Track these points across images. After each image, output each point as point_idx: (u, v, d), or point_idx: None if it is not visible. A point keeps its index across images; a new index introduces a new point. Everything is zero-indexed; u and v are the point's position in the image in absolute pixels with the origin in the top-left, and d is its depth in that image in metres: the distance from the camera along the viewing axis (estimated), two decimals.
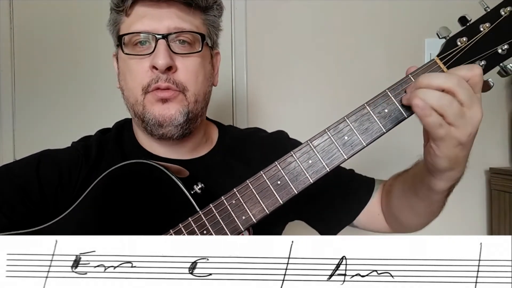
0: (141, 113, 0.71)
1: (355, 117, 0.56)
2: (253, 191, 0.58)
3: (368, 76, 1.47)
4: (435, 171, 0.59)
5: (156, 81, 0.68)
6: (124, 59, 0.72)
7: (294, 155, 0.57)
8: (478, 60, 0.55)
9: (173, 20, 0.69)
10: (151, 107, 0.69)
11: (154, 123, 0.70)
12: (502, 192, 1.42)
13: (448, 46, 0.56)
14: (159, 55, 0.66)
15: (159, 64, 0.66)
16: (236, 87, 1.47)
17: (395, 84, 0.56)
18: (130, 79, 0.71)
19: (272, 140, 0.86)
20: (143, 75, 0.69)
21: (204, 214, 0.60)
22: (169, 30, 0.68)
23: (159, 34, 0.67)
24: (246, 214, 0.58)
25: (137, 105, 0.71)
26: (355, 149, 0.56)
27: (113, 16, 0.73)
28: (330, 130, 0.56)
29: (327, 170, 0.56)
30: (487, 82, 0.55)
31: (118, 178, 0.65)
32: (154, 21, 0.68)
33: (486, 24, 0.55)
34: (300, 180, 0.57)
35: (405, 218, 0.74)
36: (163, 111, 0.69)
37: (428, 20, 1.47)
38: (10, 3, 1.50)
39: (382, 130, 0.55)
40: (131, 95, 0.71)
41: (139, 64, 0.69)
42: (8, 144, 1.51)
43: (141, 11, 0.69)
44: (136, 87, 0.70)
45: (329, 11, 1.49)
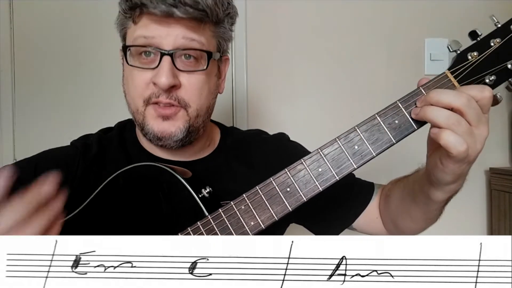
0: (141, 122, 0.70)
1: (366, 127, 0.56)
2: (263, 197, 0.58)
3: (368, 76, 1.47)
4: (437, 183, 0.59)
5: (157, 96, 0.67)
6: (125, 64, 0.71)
7: (304, 163, 0.57)
8: (488, 75, 0.56)
9: (180, 38, 0.66)
10: (150, 121, 0.69)
11: (153, 136, 0.69)
12: (502, 192, 1.42)
13: (459, 60, 0.57)
14: (162, 73, 0.65)
15: (162, 83, 0.65)
16: (236, 87, 1.47)
17: (406, 96, 0.57)
18: (132, 88, 0.70)
19: (273, 142, 0.86)
20: (144, 87, 0.68)
21: (213, 218, 0.60)
22: (174, 47, 0.66)
23: (164, 50, 0.65)
24: (255, 220, 0.58)
25: (138, 114, 0.70)
26: (364, 158, 0.56)
27: (121, 17, 0.71)
28: (340, 139, 0.57)
29: (336, 178, 0.57)
30: (495, 96, 0.55)
31: (126, 181, 0.65)
32: (161, 35, 0.66)
33: (497, 40, 0.55)
34: (309, 188, 0.57)
35: (402, 223, 0.74)
36: (163, 128, 0.69)
37: (428, 20, 1.47)
38: (10, 3, 1.50)
39: (392, 141, 0.56)
40: (132, 103, 0.71)
41: (141, 75, 0.68)
42: (8, 144, 1.51)
43: (147, 23, 0.66)
44: (137, 97, 0.69)
45: (329, 11, 1.49)
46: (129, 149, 0.79)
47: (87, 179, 0.72)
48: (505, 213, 1.41)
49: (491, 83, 0.56)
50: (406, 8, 1.48)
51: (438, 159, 0.56)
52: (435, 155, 0.57)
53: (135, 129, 0.81)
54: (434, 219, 0.71)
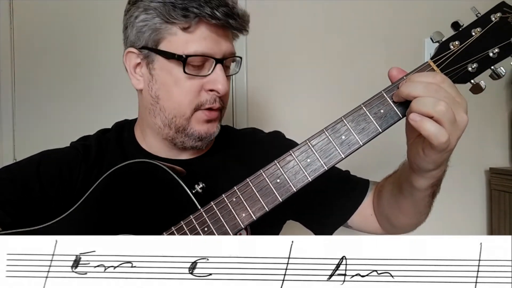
0: (182, 126, 0.73)
1: (352, 117, 0.58)
2: (253, 189, 0.59)
3: (368, 76, 1.47)
4: (419, 170, 0.60)
5: (212, 102, 0.72)
6: (169, 70, 0.70)
7: (293, 154, 0.58)
8: (470, 63, 0.57)
9: (228, 45, 0.72)
10: (196, 125, 0.73)
11: (195, 137, 0.74)
12: (502, 192, 1.42)
13: (441, 50, 0.59)
14: (219, 80, 0.70)
15: (221, 89, 0.70)
16: (236, 87, 1.47)
17: (390, 86, 0.59)
18: (179, 93, 0.71)
19: (269, 140, 0.86)
20: (196, 93, 0.71)
21: (205, 211, 0.61)
22: (224, 55, 0.71)
23: (216, 58, 0.70)
24: (246, 212, 0.59)
25: (181, 118, 0.72)
26: (352, 148, 0.57)
27: (155, 19, 0.69)
28: (328, 130, 0.58)
29: (325, 168, 0.58)
30: (479, 84, 0.58)
31: (120, 177, 0.65)
32: (214, 44, 0.70)
33: (478, 29, 0.57)
34: (298, 179, 0.58)
35: (394, 218, 0.75)
36: (207, 129, 0.74)
37: (428, 20, 1.47)
38: (10, 3, 1.50)
39: (378, 130, 0.57)
40: (177, 107, 0.72)
41: (192, 82, 0.70)
42: (8, 144, 1.51)
43: (205, 33, 0.69)
44: (187, 104, 0.71)
45: (329, 11, 1.48)
46: (127, 148, 0.79)
47: (88, 181, 0.72)
48: (505, 213, 1.41)
49: (473, 71, 0.58)
50: (406, 8, 1.48)
51: (420, 148, 0.57)
52: (416, 143, 0.58)
53: (133, 129, 0.81)
54: (424, 211, 0.71)
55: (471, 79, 0.58)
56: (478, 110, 1.43)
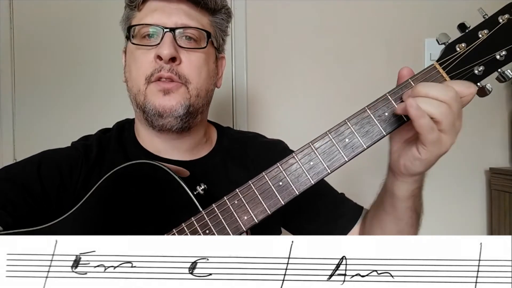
0: (142, 103, 0.72)
1: (356, 120, 0.57)
2: (255, 192, 0.58)
3: (368, 76, 1.47)
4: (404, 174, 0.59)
5: (159, 70, 0.70)
6: (132, 50, 0.73)
7: (295, 157, 0.57)
8: (477, 66, 0.56)
9: (181, 16, 0.71)
10: (152, 97, 0.71)
11: (154, 113, 0.71)
12: (502, 192, 1.42)
13: (447, 52, 0.57)
14: (164, 46, 0.69)
15: (164, 54, 0.68)
16: (236, 87, 1.47)
17: (395, 88, 0.57)
18: (134, 69, 0.73)
19: (271, 146, 0.86)
20: (147, 65, 0.71)
21: (206, 214, 0.60)
22: (176, 25, 0.71)
23: (166, 28, 0.70)
24: (248, 214, 0.58)
25: (139, 94, 0.72)
26: (355, 151, 0.56)
27: (126, 12, 0.76)
28: (331, 133, 0.57)
29: (328, 171, 0.57)
30: (485, 88, 0.56)
31: (122, 178, 0.65)
32: (163, 15, 0.71)
33: (485, 31, 0.56)
34: (301, 181, 0.57)
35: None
36: (164, 102, 0.70)
37: (428, 20, 1.47)
38: (10, 3, 1.50)
39: (382, 133, 0.56)
40: (134, 84, 0.73)
41: (144, 55, 0.71)
42: (8, 144, 1.51)
43: (152, 5, 0.72)
44: (139, 77, 0.71)
45: (329, 11, 1.49)
46: (128, 148, 0.79)
47: (88, 181, 0.72)
48: (505, 213, 1.41)
49: (480, 74, 0.56)
50: (406, 8, 1.48)
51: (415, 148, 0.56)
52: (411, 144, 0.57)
53: (134, 129, 0.81)
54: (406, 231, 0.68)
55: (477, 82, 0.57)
56: (478, 110, 1.43)
